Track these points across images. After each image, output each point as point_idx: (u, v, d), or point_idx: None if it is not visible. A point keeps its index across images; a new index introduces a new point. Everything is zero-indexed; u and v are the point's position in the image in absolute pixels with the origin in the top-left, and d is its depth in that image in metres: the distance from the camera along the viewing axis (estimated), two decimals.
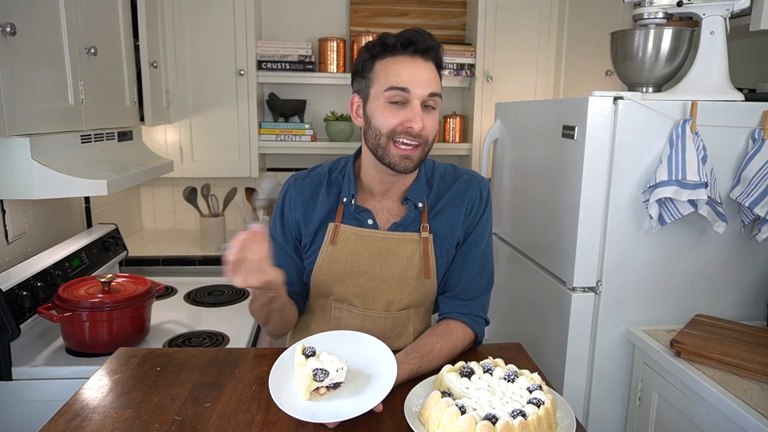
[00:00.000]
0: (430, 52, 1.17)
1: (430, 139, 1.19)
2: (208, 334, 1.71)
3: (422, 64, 1.16)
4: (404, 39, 1.15)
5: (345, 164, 1.30)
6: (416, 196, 1.26)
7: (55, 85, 1.49)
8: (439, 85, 1.19)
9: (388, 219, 1.28)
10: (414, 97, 1.14)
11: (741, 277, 1.67)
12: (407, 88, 1.14)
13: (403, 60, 1.16)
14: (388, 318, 1.30)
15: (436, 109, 1.19)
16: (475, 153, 2.76)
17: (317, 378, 0.97)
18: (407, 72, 1.15)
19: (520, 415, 0.89)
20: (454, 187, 1.30)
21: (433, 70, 1.18)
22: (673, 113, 1.54)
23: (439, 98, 1.18)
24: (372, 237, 1.26)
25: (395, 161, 1.17)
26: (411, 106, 1.15)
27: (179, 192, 2.83)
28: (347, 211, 1.27)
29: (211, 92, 2.58)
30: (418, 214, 1.27)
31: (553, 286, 1.76)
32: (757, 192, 1.50)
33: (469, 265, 1.29)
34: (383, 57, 1.17)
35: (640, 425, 1.62)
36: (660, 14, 1.62)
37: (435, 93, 1.17)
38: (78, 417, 1.00)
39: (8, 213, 1.71)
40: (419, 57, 1.16)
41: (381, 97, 1.16)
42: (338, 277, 1.27)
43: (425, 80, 1.15)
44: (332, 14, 2.90)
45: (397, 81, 1.14)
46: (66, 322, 1.49)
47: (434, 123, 1.19)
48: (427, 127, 1.17)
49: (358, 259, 1.26)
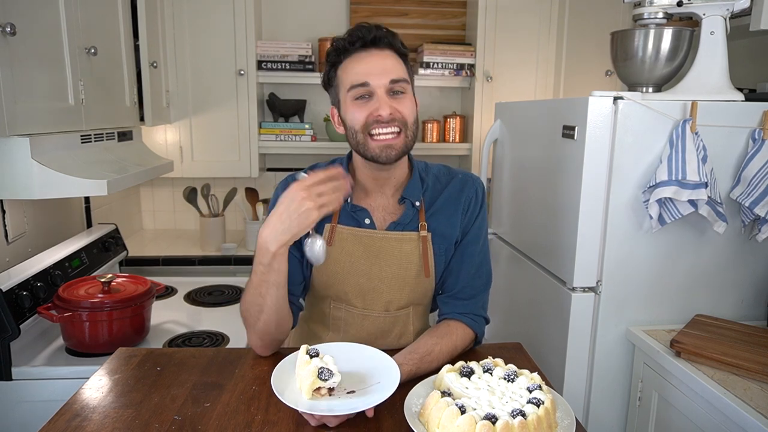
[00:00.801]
0: (381, 41, 1.17)
1: (409, 122, 1.18)
2: (208, 334, 1.71)
3: (377, 54, 1.17)
4: (352, 37, 1.16)
5: (339, 165, 1.30)
6: (413, 194, 1.27)
7: (55, 85, 1.49)
8: (401, 70, 1.18)
9: (385, 218, 1.28)
10: (375, 88, 1.15)
11: (741, 277, 1.67)
12: (366, 81, 1.15)
13: (357, 57, 1.17)
14: (387, 317, 1.30)
15: (407, 93, 1.18)
16: (475, 153, 2.76)
17: (322, 377, 0.97)
18: (362, 67, 1.16)
19: (520, 414, 0.89)
20: (449, 186, 1.30)
21: (392, 56, 1.18)
22: (673, 113, 1.54)
23: (405, 83, 1.17)
24: (370, 237, 1.26)
25: (376, 153, 1.17)
26: (376, 96, 1.15)
27: (179, 192, 2.83)
28: (344, 211, 1.27)
29: (211, 92, 2.58)
30: (416, 212, 1.27)
31: (553, 286, 1.76)
32: (757, 192, 1.50)
33: (467, 263, 1.29)
34: (341, 62, 1.19)
35: (640, 425, 1.62)
36: (660, 14, 1.62)
37: (397, 79, 1.16)
38: (78, 417, 1.00)
39: (8, 213, 1.71)
40: (372, 49, 1.17)
41: (347, 98, 1.18)
42: (336, 277, 1.27)
43: (382, 69, 1.15)
44: (332, 14, 2.90)
45: (356, 78, 1.16)
46: (66, 322, 1.49)
47: (407, 105, 1.18)
48: (400, 109, 1.16)
49: (356, 260, 1.26)
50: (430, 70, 2.73)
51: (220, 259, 2.51)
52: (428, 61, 2.72)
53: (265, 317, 1.15)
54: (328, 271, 1.27)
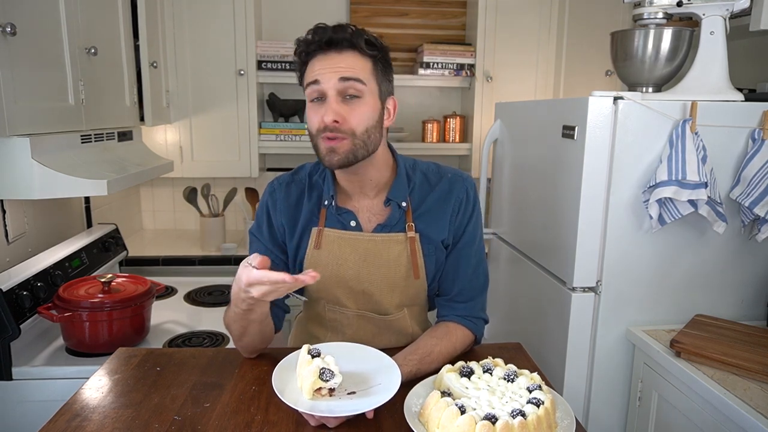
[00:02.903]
0: (340, 44, 1.12)
1: (358, 131, 1.12)
2: (208, 334, 1.71)
3: (335, 55, 1.13)
4: (306, 39, 1.14)
5: (324, 167, 1.27)
6: (398, 195, 1.24)
7: (55, 85, 1.49)
8: (359, 70, 1.12)
9: (371, 220, 1.25)
10: (327, 88, 1.11)
11: (741, 277, 1.67)
12: (317, 79, 1.12)
13: (317, 58, 1.14)
14: (383, 319, 1.29)
15: (362, 97, 1.12)
16: (475, 153, 2.76)
17: (323, 377, 0.96)
18: (318, 65, 1.13)
19: (520, 414, 0.89)
20: (438, 187, 1.27)
21: (353, 57, 1.13)
22: (673, 113, 1.54)
23: (359, 83, 1.11)
24: (357, 239, 1.24)
25: (323, 155, 1.15)
26: (327, 100, 1.13)
27: (179, 192, 2.83)
28: (329, 214, 1.25)
29: (211, 92, 2.58)
30: (402, 214, 1.24)
31: (553, 286, 1.76)
32: (757, 192, 1.50)
33: (464, 265, 1.28)
34: (306, 64, 1.16)
35: (640, 425, 1.62)
36: (660, 14, 1.62)
37: (349, 77, 1.11)
38: (78, 417, 1.00)
39: (8, 213, 1.71)
40: (331, 51, 1.13)
41: (307, 99, 1.17)
42: (327, 281, 1.25)
43: (334, 67, 1.12)
44: (332, 14, 2.89)
45: (311, 76, 1.14)
46: (66, 322, 1.49)
47: (359, 113, 1.12)
48: (348, 118, 1.11)
49: (345, 263, 1.24)
50: (430, 70, 2.73)
51: (220, 259, 2.51)
52: (428, 61, 2.72)
53: (248, 339, 1.18)
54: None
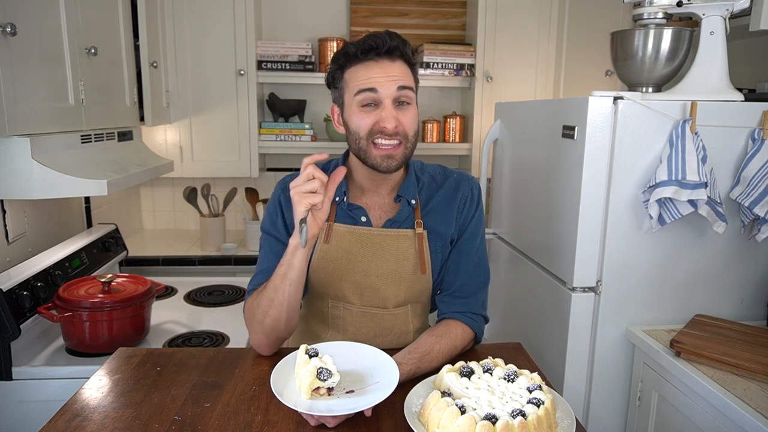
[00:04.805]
0: (394, 52, 1.17)
1: (410, 134, 1.19)
2: (208, 334, 1.71)
3: (388, 64, 1.17)
4: (365, 46, 1.16)
5: (336, 165, 1.31)
6: (408, 193, 1.28)
7: (55, 85, 1.49)
8: (409, 78, 1.19)
9: (381, 216, 1.29)
10: (384, 96, 1.16)
11: (741, 277, 1.67)
12: (374, 88, 1.15)
13: (368, 65, 1.17)
14: (386, 315, 1.30)
15: (411, 104, 1.19)
16: (475, 153, 2.76)
17: (321, 377, 0.97)
18: (373, 74, 1.16)
19: (520, 414, 0.89)
20: (445, 185, 1.32)
21: (402, 66, 1.18)
22: (673, 113, 1.54)
23: (411, 91, 1.18)
24: (367, 234, 1.27)
25: (377, 162, 1.19)
26: (383, 106, 1.16)
27: (179, 192, 2.83)
28: (340, 210, 1.28)
29: (211, 92, 2.58)
30: (412, 210, 1.28)
31: (553, 286, 1.76)
32: (757, 192, 1.50)
33: (465, 261, 1.30)
34: (349, 66, 1.19)
35: (640, 425, 1.62)
36: (660, 14, 1.62)
37: (404, 86, 1.17)
38: (78, 417, 1.00)
39: (8, 213, 1.71)
40: (384, 59, 1.17)
41: (353, 102, 1.18)
42: (334, 274, 1.28)
43: (392, 77, 1.16)
44: (332, 14, 2.90)
45: (365, 83, 1.16)
46: (66, 322, 1.49)
47: (411, 118, 1.19)
48: (403, 123, 1.17)
49: (353, 256, 1.27)
50: (430, 70, 2.73)
51: (220, 259, 2.51)
52: (428, 61, 2.72)
53: (274, 312, 1.16)
54: (326, 269, 1.27)
